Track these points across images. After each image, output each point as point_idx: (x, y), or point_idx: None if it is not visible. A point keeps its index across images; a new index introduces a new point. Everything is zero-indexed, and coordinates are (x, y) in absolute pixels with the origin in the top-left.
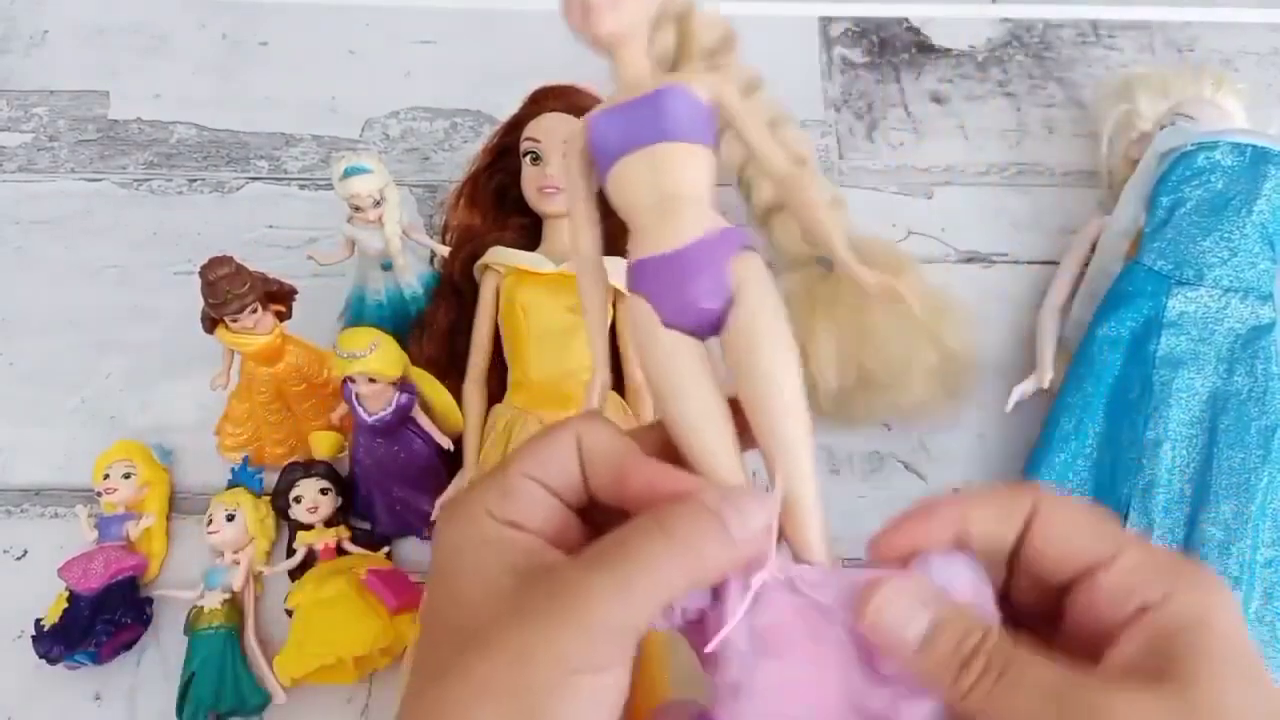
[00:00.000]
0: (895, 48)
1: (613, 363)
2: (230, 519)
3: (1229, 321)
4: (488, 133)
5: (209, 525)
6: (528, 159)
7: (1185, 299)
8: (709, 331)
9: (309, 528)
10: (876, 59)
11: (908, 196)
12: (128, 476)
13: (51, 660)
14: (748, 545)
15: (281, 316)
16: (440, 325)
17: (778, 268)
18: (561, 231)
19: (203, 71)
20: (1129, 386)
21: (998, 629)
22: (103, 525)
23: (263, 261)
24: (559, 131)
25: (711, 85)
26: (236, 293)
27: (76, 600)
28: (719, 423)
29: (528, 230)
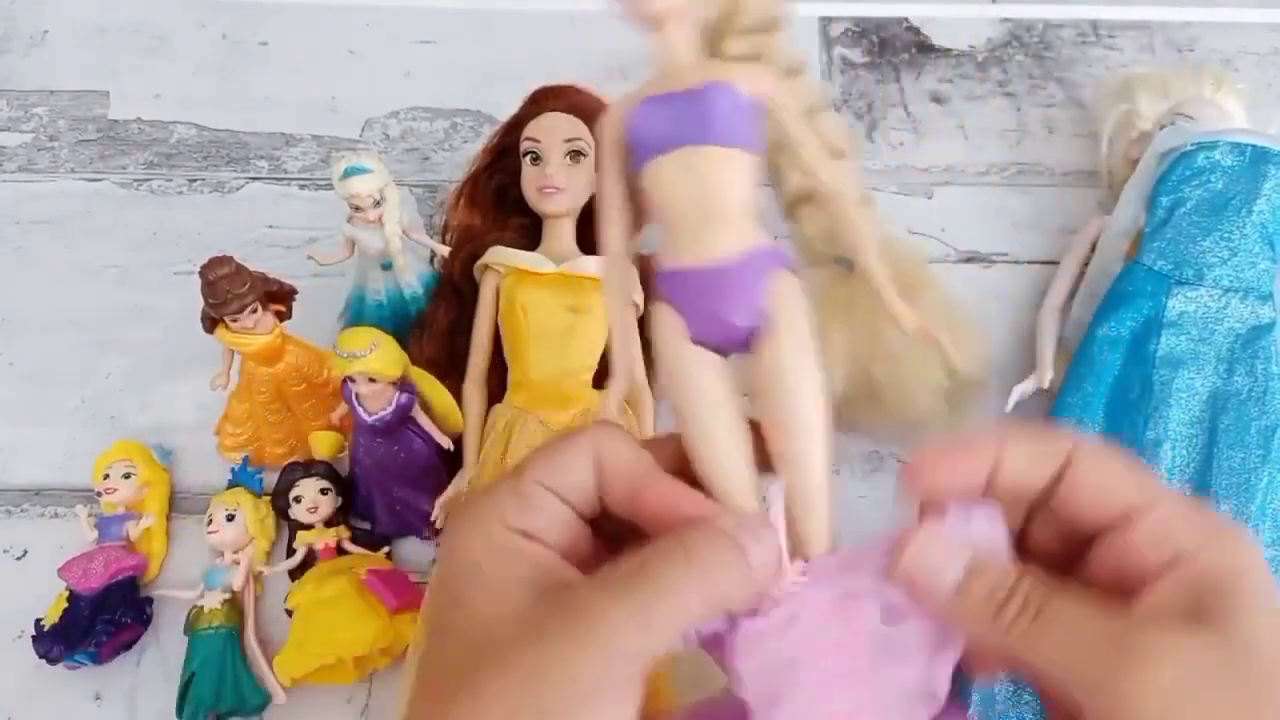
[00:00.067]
0: (895, 48)
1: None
2: (230, 519)
3: (1229, 321)
4: (488, 133)
5: (209, 525)
6: (528, 159)
7: (1185, 299)
8: (735, 349)
9: (309, 528)
10: (876, 59)
11: (907, 196)
12: (128, 476)
13: (51, 660)
14: (764, 573)
15: (281, 316)
16: (440, 325)
17: (798, 261)
18: (562, 231)
19: (203, 71)
20: (1129, 386)
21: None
22: (103, 525)
23: (263, 261)
24: (559, 131)
25: (759, 82)
26: (236, 293)
27: (76, 600)
28: (738, 444)
29: (528, 230)
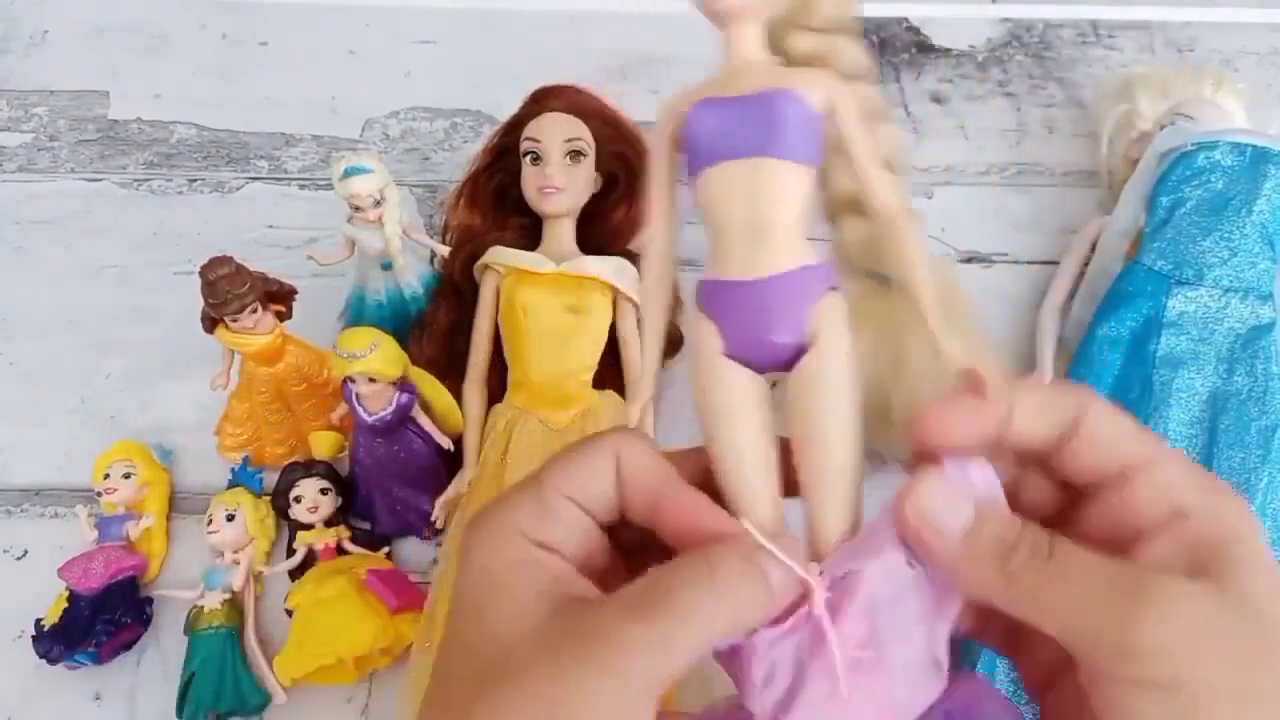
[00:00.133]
0: (895, 48)
1: (612, 361)
2: (230, 519)
3: (1229, 321)
4: (488, 133)
5: (209, 525)
6: (528, 159)
7: (1185, 299)
8: (771, 367)
9: (309, 528)
10: (876, 59)
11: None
12: (128, 476)
13: (51, 660)
14: (784, 594)
15: (281, 316)
16: (440, 325)
17: (837, 271)
18: (562, 231)
19: (203, 71)
20: (1129, 386)
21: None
22: (103, 525)
23: (263, 261)
24: (559, 131)
25: (828, 90)
26: (236, 293)
27: (76, 600)
28: (765, 463)
29: (528, 230)
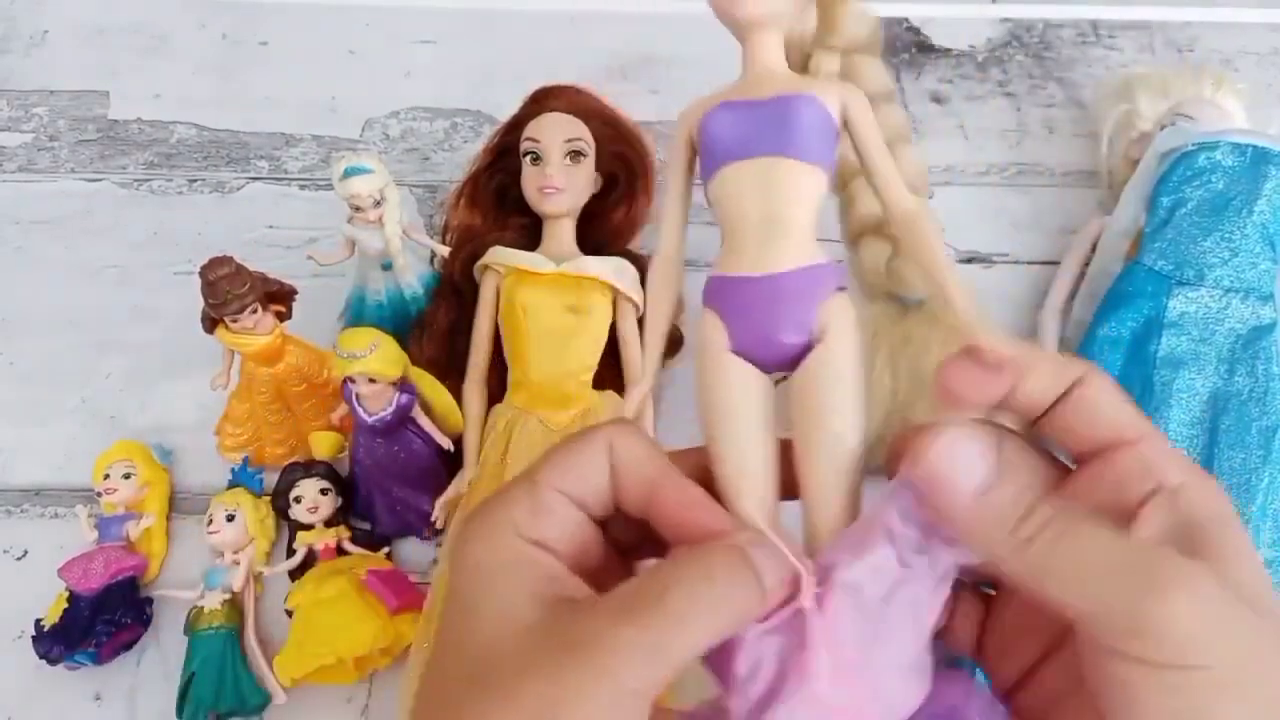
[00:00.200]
0: (895, 48)
1: (612, 361)
2: (230, 519)
3: (1230, 322)
4: (488, 133)
5: (209, 525)
6: (528, 159)
7: (1186, 299)
8: (776, 366)
9: (309, 528)
10: None
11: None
12: (128, 476)
13: (51, 660)
14: (776, 595)
15: (281, 317)
16: (440, 325)
17: (855, 293)
18: (562, 231)
19: (203, 71)
20: (1129, 387)
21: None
22: (103, 525)
23: (263, 261)
24: (559, 131)
25: (844, 97)
26: (236, 293)
27: (76, 600)
28: (764, 461)
29: (528, 230)
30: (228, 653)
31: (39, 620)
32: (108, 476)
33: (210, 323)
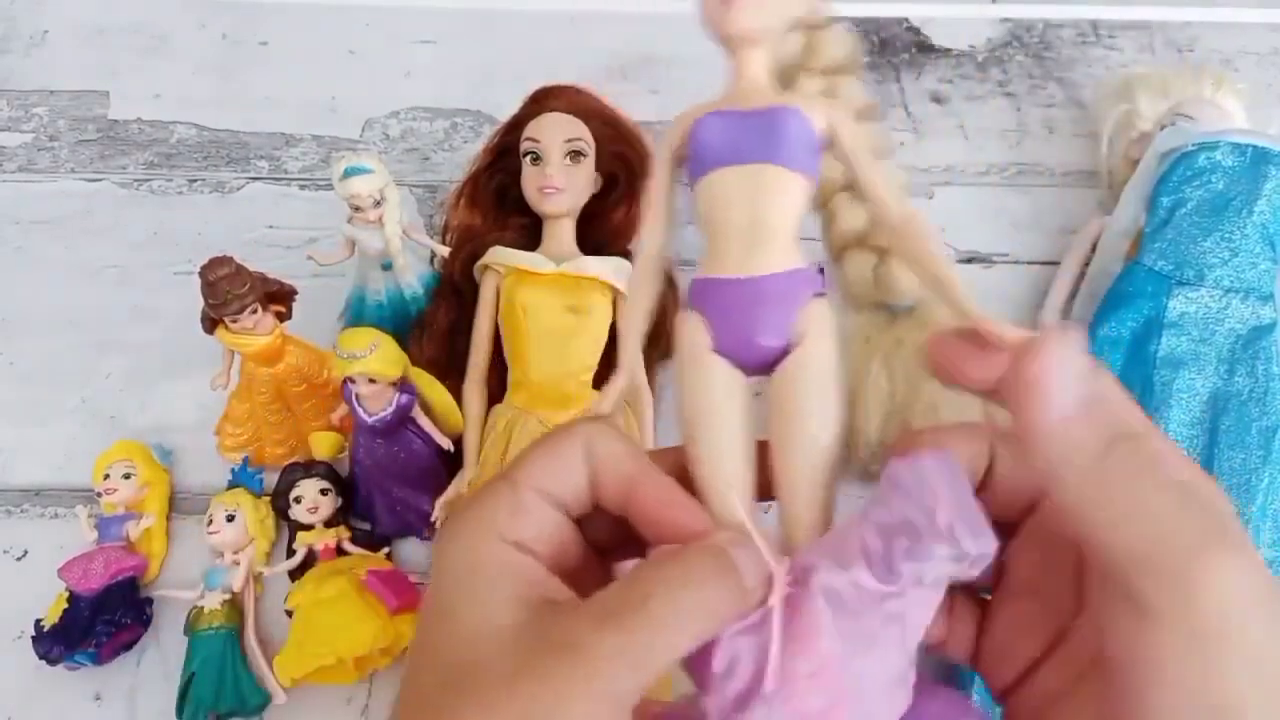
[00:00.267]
0: (895, 48)
1: (612, 361)
2: (230, 519)
3: (1230, 322)
4: (488, 133)
5: (209, 525)
6: (528, 159)
7: (1186, 299)
8: (756, 368)
9: (309, 528)
10: (876, 59)
11: (908, 197)
12: (128, 477)
13: (51, 660)
14: (756, 595)
15: (281, 317)
16: (440, 325)
17: (843, 306)
18: (562, 231)
19: (203, 71)
20: (1129, 387)
21: None
22: (103, 525)
23: (263, 261)
24: (559, 131)
25: (829, 114)
26: (236, 293)
27: (76, 600)
28: (743, 461)
29: (528, 230)
30: (228, 653)
31: (39, 620)
32: (108, 476)
33: (210, 323)
